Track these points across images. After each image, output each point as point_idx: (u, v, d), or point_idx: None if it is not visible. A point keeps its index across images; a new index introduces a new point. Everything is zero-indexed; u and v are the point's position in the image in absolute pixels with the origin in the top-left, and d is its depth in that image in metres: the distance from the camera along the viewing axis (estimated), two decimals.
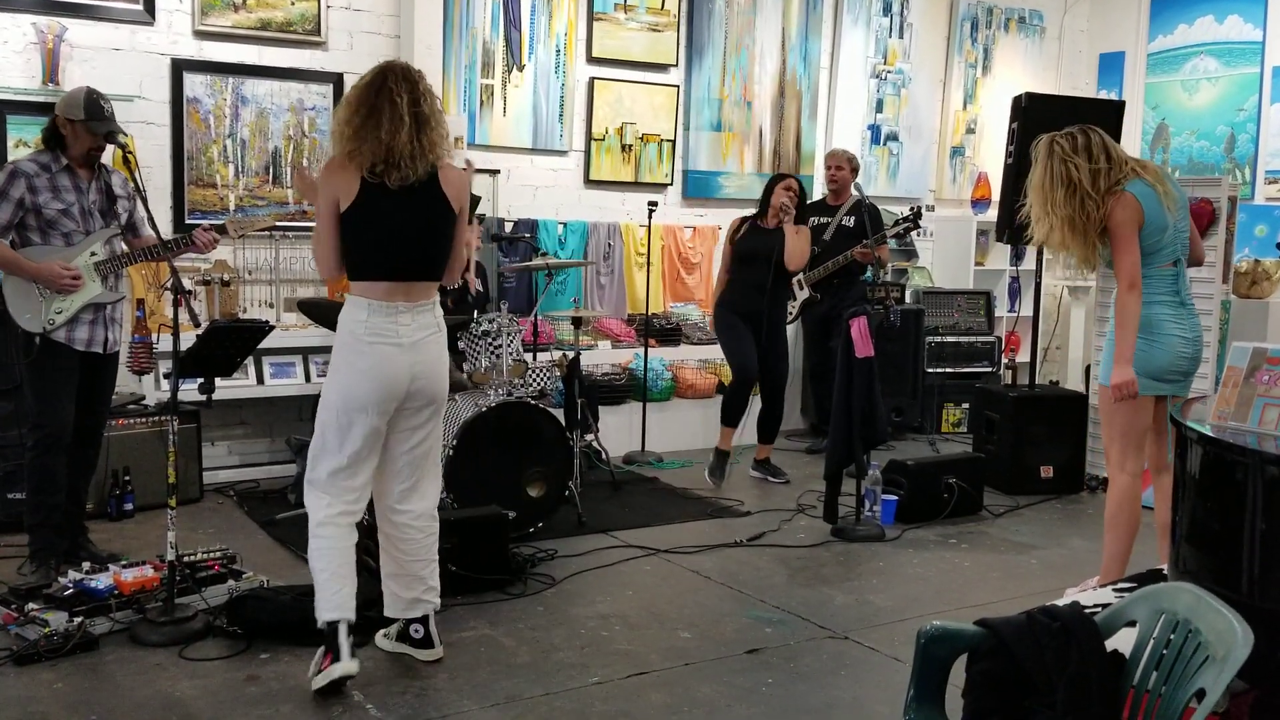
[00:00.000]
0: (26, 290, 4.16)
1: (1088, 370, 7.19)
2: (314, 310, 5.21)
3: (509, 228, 6.74)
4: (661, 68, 7.47)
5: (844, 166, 6.90)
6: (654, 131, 7.45)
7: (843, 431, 5.26)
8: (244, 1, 6.02)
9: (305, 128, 6.22)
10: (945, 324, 7.93)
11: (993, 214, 7.47)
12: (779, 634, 4.00)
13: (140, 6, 5.77)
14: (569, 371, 5.72)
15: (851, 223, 6.68)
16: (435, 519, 3.66)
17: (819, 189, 7.63)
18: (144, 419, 5.37)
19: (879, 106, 8.47)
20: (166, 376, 5.04)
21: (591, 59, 7.20)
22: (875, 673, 3.69)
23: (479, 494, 4.72)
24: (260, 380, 5.95)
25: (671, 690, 3.50)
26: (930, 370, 7.71)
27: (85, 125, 4.13)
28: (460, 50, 6.72)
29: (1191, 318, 4.06)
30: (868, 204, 6.46)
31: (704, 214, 7.72)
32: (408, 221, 3.38)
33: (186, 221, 5.86)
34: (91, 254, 4.24)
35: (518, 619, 4.06)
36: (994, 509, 5.77)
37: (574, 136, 7.20)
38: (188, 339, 3.86)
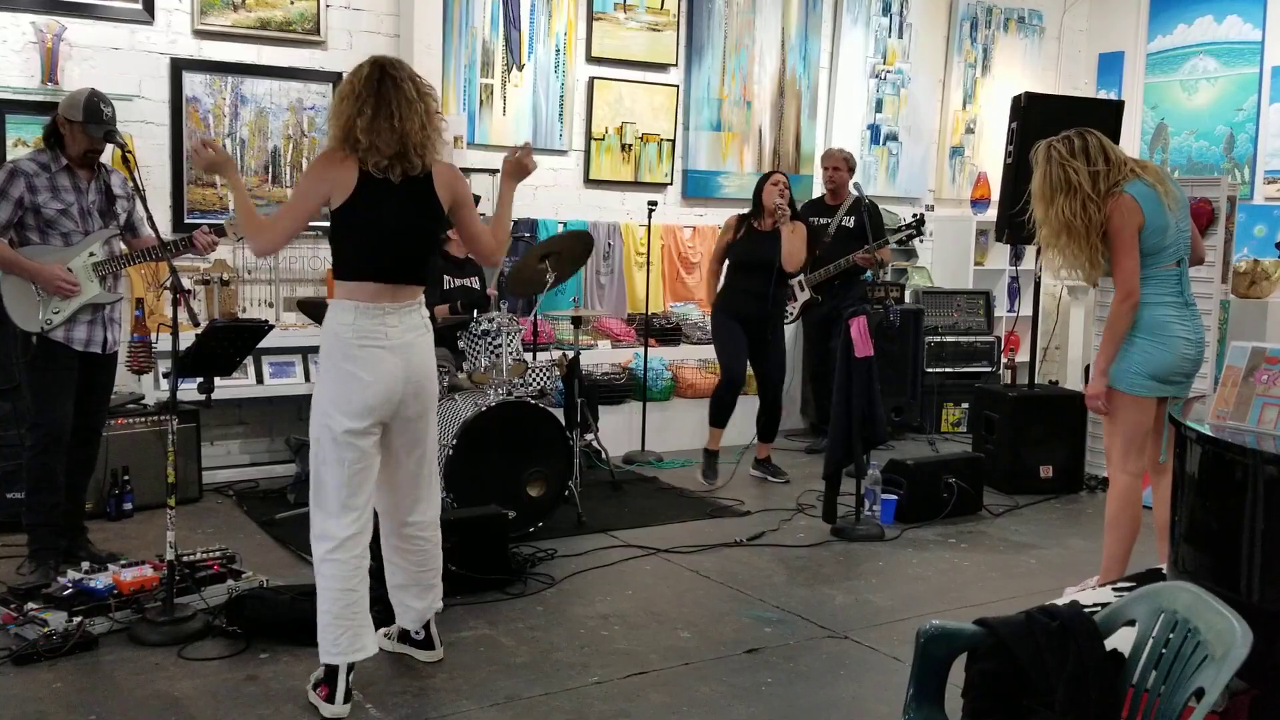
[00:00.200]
0: (24, 290, 4.15)
1: (1087, 370, 7.15)
2: (313, 310, 5.21)
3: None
4: (661, 67, 7.48)
5: (841, 167, 6.89)
6: (653, 131, 7.45)
7: (842, 431, 5.26)
8: (243, 1, 6.02)
9: (305, 127, 6.22)
10: (945, 324, 7.93)
11: (992, 214, 7.48)
12: (778, 633, 4.00)
13: (139, 6, 5.77)
14: (569, 371, 5.72)
15: (852, 223, 6.68)
16: (438, 525, 3.63)
17: (818, 188, 7.62)
18: (143, 418, 5.37)
19: (878, 106, 8.47)
20: (166, 376, 5.04)
21: (591, 59, 7.20)
22: (875, 672, 3.69)
23: (479, 494, 4.72)
24: (260, 380, 5.95)
25: (671, 690, 3.50)
26: (930, 370, 7.72)
27: (82, 128, 4.13)
28: (460, 50, 6.72)
29: (1195, 319, 4.06)
30: (867, 203, 6.47)
31: (703, 214, 7.72)
32: (402, 220, 3.30)
33: (186, 221, 5.87)
34: (90, 254, 4.23)
35: (517, 619, 4.06)
36: (993, 509, 5.77)
37: (574, 136, 7.20)
38: (187, 338, 3.86)
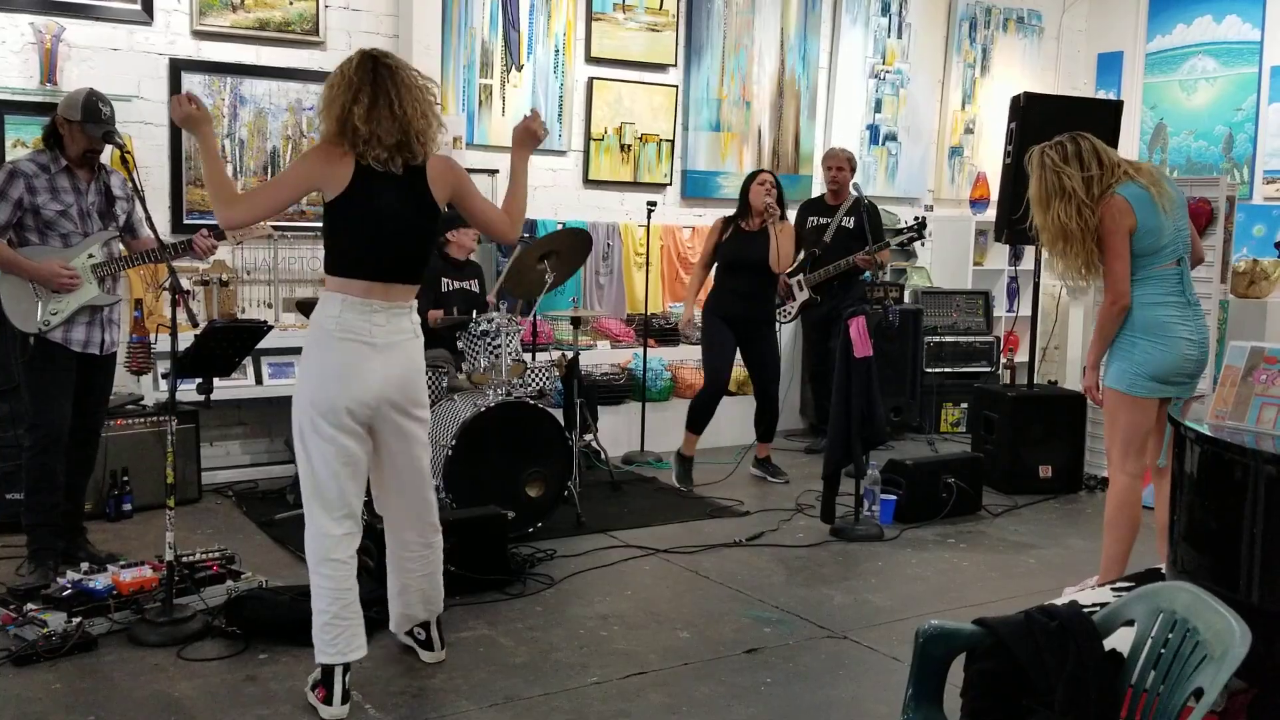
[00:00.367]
0: (23, 290, 4.15)
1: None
2: (312, 310, 5.19)
3: None
4: (660, 68, 7.48)
5: (844, 167, 6.88)
6: (653, 131, 7.45)
7: (841, 431, 5.26)
8: (242, 1, 6.02)
9: (304, 127, 6.22)
10: (944, 324, 7.93)
11: (991, 214, 7.47)
12: (778, 634, 4.00)
13: (138, 6, 5.77)
14: (568, 371, 5.72)
15: (852, 223, 6.67)
16: (439, 532, 3.61)
17: (817, 188, 7.62)
18: (142, 419, 5.37)
19: (878, 106, 8.47)
20: (165, 377, 5.05)
21: (590, 59, 7.20)
22: (874, 672, 3.69)
23: (478, 494, 4.72)
24: (259, 380, 5.94)
25: (670, 690, 3.50)
26: (929, 370, 7.72)
27: (81, 127, 4.13)
28: (459, 50, 6.72)
29: (1198, 319, 4.05)
30: (866, 204, 6.46)
31: (703, 214, 7.72)
32: (401, 216, 3.25)
33: (185, 222, 5.87)
34: (89, 256, 4.23)
35: (516, 619, 4.06)
36: (992, 509, 5.77)
37: (573, 136, 7.20)
38: (186, 339, 3.86)
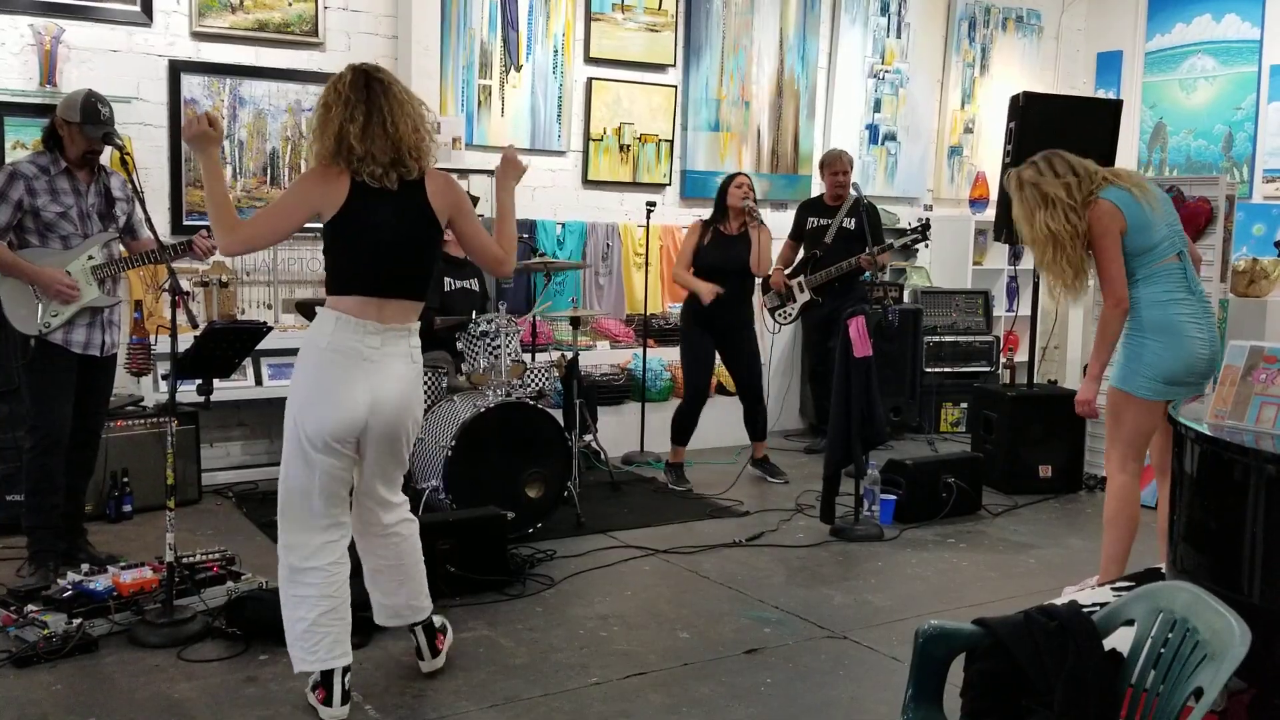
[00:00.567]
0: (23, 293, 4.15)
1: (1086, 369, 7.19)
2: (312, 312, 5.19)
3: None
4: (659, 68, 7.48)
5: (849, 170, 6.86)
6: (652, 132, 7.45)
7: (841, 431, 5.26)
8: (241, 3, 6.02)
9: (303, 129, 6.22)
10: (943, 323, 7.93)
11: (991, 213, 7.47)
12: (777, 634, 4.00)
13: (138, 8, 5.78)
14: (567, 372, 5.72)
15: (852, 224, 6.65)
16: (414, 520, 3.53)
17: (816, 188, 7.62)
18: (142, 420, 5.37)
19: (877, 106, 8.47)
20: (165, 378, 5.04)
21: (589, 59, 7.20)
22: (874, 672, 3.69)
23: (477, 495, 4.72)
24: (259, 381, 5.95)
25: (670, 690, 3.51)
26: (928, 370, 7.72)
27: (80, 128, 4.13)
28: (458, 51, 6.72)
29: (1208, 316, 4.02)
30: (866, 204, 6.46)
31: (702, 214, 7.69)
32: (398, 231, 3.21)
33: (184, 223, 5.87)
34: (89, 258, 4.23)
35: (516, 620, 4.06)
36: (992, 508, 5.77)
37: (572, 137, 7.20)
38: (186, 340, 3.86)
